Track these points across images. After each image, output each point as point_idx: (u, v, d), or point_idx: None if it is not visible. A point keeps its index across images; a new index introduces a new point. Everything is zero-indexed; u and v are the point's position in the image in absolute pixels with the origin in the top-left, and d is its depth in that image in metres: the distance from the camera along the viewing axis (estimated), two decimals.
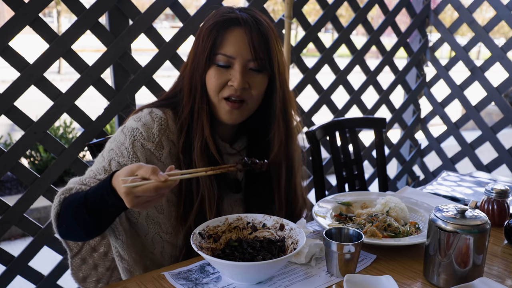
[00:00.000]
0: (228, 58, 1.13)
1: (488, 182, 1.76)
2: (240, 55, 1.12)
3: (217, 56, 1.13)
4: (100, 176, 1.09)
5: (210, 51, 1.13)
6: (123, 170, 0.91)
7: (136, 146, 1.13)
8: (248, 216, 1.13)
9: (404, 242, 1.14)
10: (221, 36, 1.12)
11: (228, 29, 1.13)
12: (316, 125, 1.87)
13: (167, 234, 1.20)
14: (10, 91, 1.61)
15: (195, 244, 0.98)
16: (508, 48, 2.65)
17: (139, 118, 1.17)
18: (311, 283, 1.00)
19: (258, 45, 1.13)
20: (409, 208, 1.34)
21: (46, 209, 3.54)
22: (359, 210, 1.33)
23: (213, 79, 1.14)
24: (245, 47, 1.12)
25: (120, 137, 1.16)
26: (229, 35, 1.12)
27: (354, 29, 2.56)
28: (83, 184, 1.06)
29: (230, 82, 1.14)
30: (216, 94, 1.16)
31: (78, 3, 1.69)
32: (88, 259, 1.20)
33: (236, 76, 1.12)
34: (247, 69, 1.14)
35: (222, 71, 1.14)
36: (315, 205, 1.34)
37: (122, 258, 1.14)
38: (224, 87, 1.15)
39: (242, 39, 1.12)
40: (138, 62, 1.88)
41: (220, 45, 1.13)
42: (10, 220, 1.71)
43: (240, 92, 1.14)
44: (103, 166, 1.12)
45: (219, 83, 1.14)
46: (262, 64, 1.15)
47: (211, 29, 1.13)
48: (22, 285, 1.93)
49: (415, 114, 3.10)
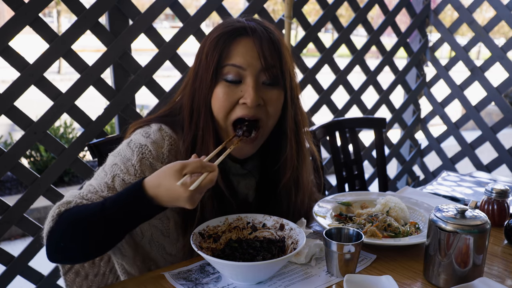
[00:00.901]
0: (237, 69, 1.01)
1: (488, 182, 1.75)
2: (251, 65, 1.00)
3: (225, 68, 1.01)
4: (103, 194, 0.99)
5: (217, 64, 1.01)
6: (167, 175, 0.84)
7: (144, 164, 1.03)
8: (248, 216, 1.13)
9: (404, 242, 1.14)
10: (227, 47, 1.01)
11: (236, 39, 1.01)
12: (316, 125, 1.87)
13: (170, 255, 1.15)
14: (10, 91, 1.61)
15: (195, 244, 0.98)
16: (508, 48, 2.65)
17: (148, 134, 1.06)
18: (311, 283, 1.00)
19: (269, 54, 1.02)
20: (409, 208, 1.34)
21: (46, 209, 3.53)
22: (359, 210, 1.33)
23: (222, 97, 1.01)
24: (255, 57, 1.00)
25: (126, 152, 1.05)
26: (237, 45, 1.01)
27: (354, 29, 2.56)
28: (83, 199, 0.96)
29: (242, 99, 1.01)
30: (225, 117, 1.03)
31: (78, 3, 1.69)
32: (81, 271, 1.18)
33: (249, 92, 0.99)
34: (260, 83, 1.03)
35: (232, 88, 1.01)
36: (315, 205, 1.34)
37: (129, 273, 1.13)
38: (235, 107, 1.02)
39: (251, 48, 1.01)
40: (138, 62, 1.88)
41: (227, 57, 1.01)
42: (10, 220, 1.71)
43: (254, 111, 1.01)
44: (105, 182, 1.01)
45: (229, 102, 1.01)
46: (274, 76, 1.03)
47: (217, 41, 1.02)
48: (22, 285, 1.93)
49: (415, 114, 3.10)
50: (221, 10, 1.99)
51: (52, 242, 0.92)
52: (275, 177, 1.16)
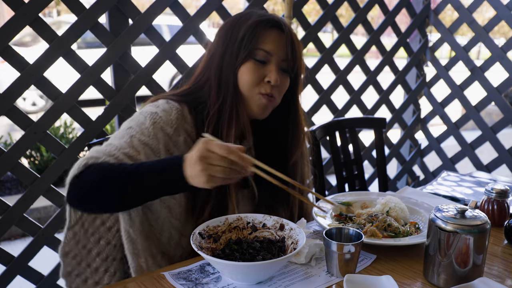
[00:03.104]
0: (266, 54, 1.19)
1: (488, 182, 1.76)
2: (277, 53, 1.20)
3: (257, 50, 1.19)
4: (126, 150, 1.08)
5: (252, 46, 1.18)
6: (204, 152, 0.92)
7: (156, 127, 1.14)
8: (248, 216, 1.13)
9: (404, 242, 1.14)
10: (263, 33, 1.19)
11: (271, 28, 1.20)
12: (316, 125, 1.87)
13: (176, 220, 1.20)
14: (10, 91, 1.61)
15: (195, 244, 0.98)
16: (508, 48, 2.65)
17: (157, 106, 1.20)
18: (311, 283, 1.00)
19: (291, 49, 1.22)
20: (409, 208, 1.34)
21: (46, 209, 3.54)
22: (359, 210, 1.33)
23: (250, 73, 1.19)
24: (282, 47, 1.20)
25: (139, 118, 1.17)
26: (270, 33, 1.20)
27: (354, 29, 2.56)
28: (111, 156, 1.04)
29: (267, 77, 1.20)
30: (251, 88, 1.21)
31: (78, 3, 1.69)
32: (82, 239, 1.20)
33: (273, 73, 1.19)
34: (279, 68, 1.22)
35: (259, 66, 1.20)
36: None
37: (133, 241, 1.15)
38: (260, 83, 1.21)
39: (280, 39, 1.20)
40: (138, 62, 1.88)
41: (260, 41, 1.19)
42: (10, 220, 1.71)
43: (273, 89, 1.21)
44: (125, 141, 1.10)
45: (256, 77, 1.20)
46: (291, 66, 1.23)
47: (255, 26, 1.19)
48: (22, 285, 1.93)
49: (415, 114, 3.10)
50: (221, 10, 1.99)
51: (75, 187, 1.02)
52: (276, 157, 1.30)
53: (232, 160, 0.92)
